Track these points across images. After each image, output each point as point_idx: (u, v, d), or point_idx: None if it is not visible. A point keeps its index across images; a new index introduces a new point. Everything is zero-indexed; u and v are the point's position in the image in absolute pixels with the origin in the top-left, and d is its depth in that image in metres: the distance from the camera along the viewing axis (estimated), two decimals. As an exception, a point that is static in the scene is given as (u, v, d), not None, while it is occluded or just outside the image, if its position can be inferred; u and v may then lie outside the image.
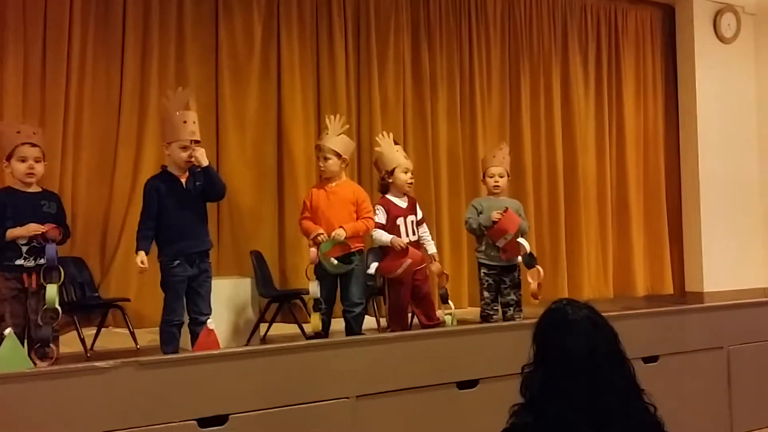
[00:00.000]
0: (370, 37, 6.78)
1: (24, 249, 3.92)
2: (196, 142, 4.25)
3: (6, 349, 3.09)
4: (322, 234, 4.53)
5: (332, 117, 4.88)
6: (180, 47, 6.04)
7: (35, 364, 3.72)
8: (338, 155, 4.70)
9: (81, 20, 5.65)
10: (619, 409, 1.76)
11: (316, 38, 6.60)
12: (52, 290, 3.86)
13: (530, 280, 5.01)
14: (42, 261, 3.93)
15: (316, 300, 4.57)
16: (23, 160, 4.00)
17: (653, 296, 8.06)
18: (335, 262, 4.51)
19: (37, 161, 4.03)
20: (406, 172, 4.86)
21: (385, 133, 5.10)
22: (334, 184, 4.73)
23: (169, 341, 4.17)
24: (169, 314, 4.17)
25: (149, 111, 5.83)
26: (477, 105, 7.28)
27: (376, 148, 5.02)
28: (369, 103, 6.75)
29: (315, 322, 4.56)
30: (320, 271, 4.62)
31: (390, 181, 4.87)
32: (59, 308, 3.89)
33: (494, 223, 4.92)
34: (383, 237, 4.74)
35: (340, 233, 4.50)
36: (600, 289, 7.82)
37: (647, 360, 3.68)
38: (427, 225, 5.13)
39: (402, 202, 4.88)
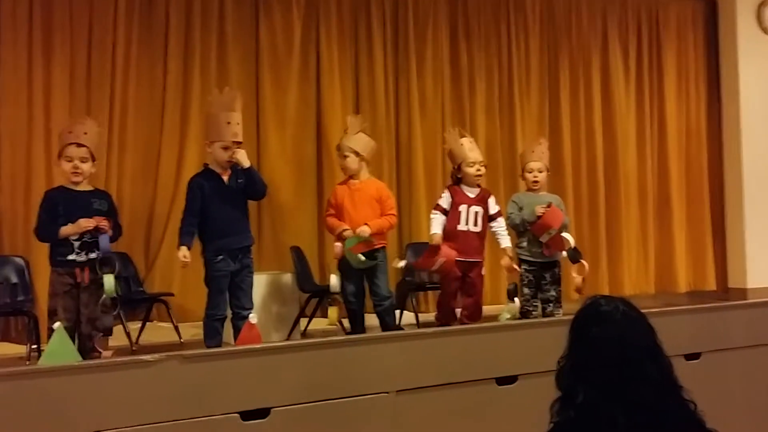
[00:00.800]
0: (408, 33, 6.80)
1: (76, 245, 4.00)
2: (238, 143, 4.32)
3: (55, 342, 3.17)
4: (348, 230, 4.61)
5: (351, 116, 4.96)
6: (221, 47, 6.13)
7: (99, 354, 3.82)
8: (356, 153, 4.78)
9: (125, 22, 5.77)
10: (655, 404, 1.74)
11: (354, 36, 6.64)
12: (109, 279, 3.94)
13: (574, 274, 4.96)
14: (93, 255, 4.02)
15: (334, 294, 4.63)
16: (69, 160, 4.09)
17: (695, 292, 7.94)
18: (362, 258, 4.58)
19: (83, 161, 4.10)
20: (472, 165, 4.89)
21: (452, 128, 5.13)
22: (357, 181, 4.80)
23: (212, 335, 4.24)
24: (212, 309, 4.25)
25: (192, 110, 5.94)
26: (516, 100, 7.25)
27: (444, 145, 5.10)
28: (407, 100, 6.77)
29: (332, 316, 4.64)
30: (345, 267, 4.69)
31: (460, 175, 4.94)
32: (118, 296, 3.98)
33: (538, 218, 4.91)
34: (433, 225, 4.81)
35: (365, 230, 4.59)
36: (641, 285, 7.73)
37: (689, 357, 3.64)
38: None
39: (471, 192, 4.92)
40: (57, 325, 3.26)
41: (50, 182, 4.67)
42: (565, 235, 4.94)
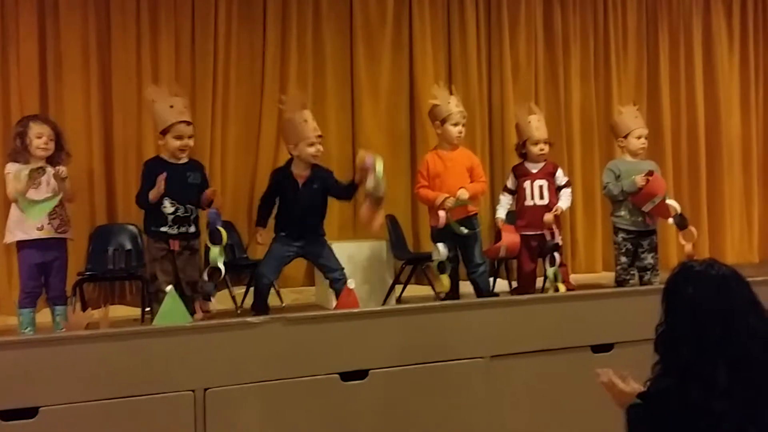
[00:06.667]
0: (501, -1, 6.72)
1: (170, 218, 4.21)
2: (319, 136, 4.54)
3: (167, 304, 3.37)
4: (450, 198, 4.65)
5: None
6: (316, 20, 6.20)
7: (195, 313, 4.05)
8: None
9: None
10: (762, 356, 1.71)
11: (447, 3, 6.61)
12: (214, 251, 4.15)
13: (683, 241, 4.86)
14: (184, 229, 4.22)
15: (441, 262, 4.70)
16: (179, 137, 4.29)
17: (802, 261, 7.63)
18: (465, 230, 4.64)
19: (190, 138, 4.33)
20: (536, 144, 4.97)
21: (533, 105, 5.14)
22: (448, 151, 4.84)
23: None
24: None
25: (290, 82, 6.04)
26: (612, 64, 7.06)
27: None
28: (500, 67, 6.70)
29: (445, 283, 4.70)
30: (440, 235, 4.75)
31: (524, 151, 5.05)
32: (222, 267, 4.18)
33: (640, 188, 4.83)
34: (498, 209, 5.13)
35: (464, 193, 4.63)
36: (744, 254, 7.46)
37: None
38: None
39: (534, 167, 5.02)
40: (169, 288, 3.46)
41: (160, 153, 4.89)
42: (670, 201, 4.85)
